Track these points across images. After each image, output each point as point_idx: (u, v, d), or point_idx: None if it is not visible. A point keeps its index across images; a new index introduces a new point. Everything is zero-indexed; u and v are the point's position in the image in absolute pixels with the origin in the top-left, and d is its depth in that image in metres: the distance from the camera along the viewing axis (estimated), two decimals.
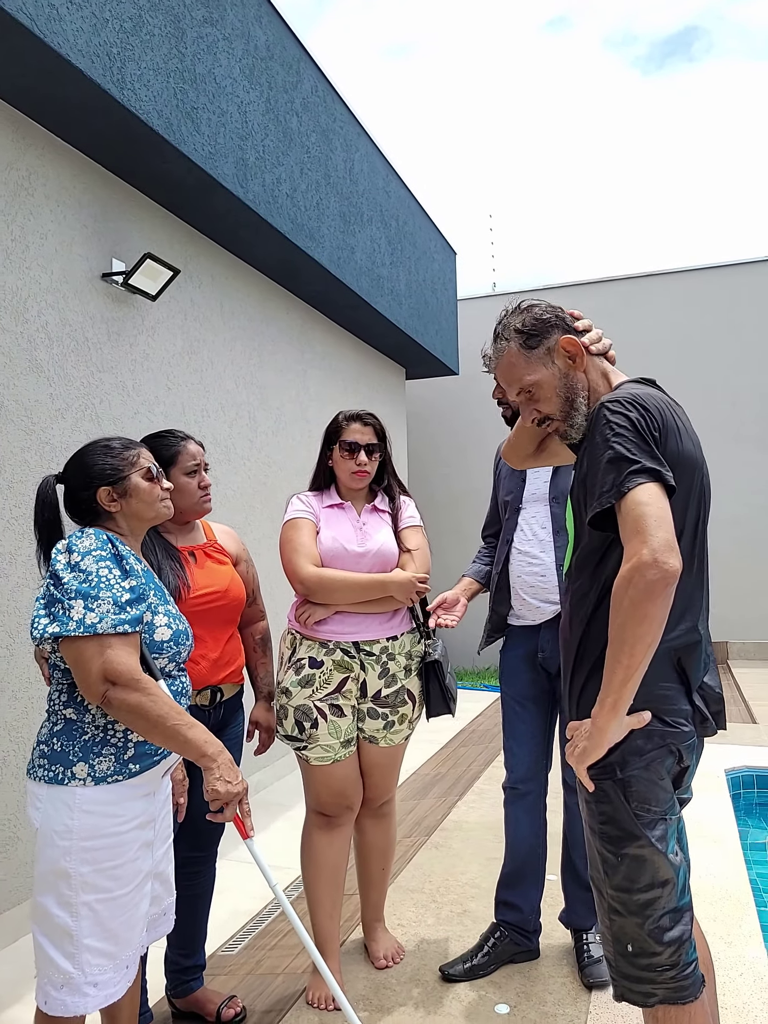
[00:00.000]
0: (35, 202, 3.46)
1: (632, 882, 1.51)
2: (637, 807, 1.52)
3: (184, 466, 2.30)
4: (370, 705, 2.44)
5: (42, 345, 3.47)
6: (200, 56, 3.95)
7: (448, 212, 29.52)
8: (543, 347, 1.70)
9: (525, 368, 1.71)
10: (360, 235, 5.99)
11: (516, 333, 1.71)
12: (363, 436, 2.50)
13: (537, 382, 1.70)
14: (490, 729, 6.05)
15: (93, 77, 3.19)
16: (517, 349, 1.71)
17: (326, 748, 2.38)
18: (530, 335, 1.70)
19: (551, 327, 1.70)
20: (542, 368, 1.70)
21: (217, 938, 2.97)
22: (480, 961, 2.50)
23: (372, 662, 2.42)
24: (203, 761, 1.67)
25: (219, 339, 4.82)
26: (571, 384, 1.68)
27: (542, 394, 1.70)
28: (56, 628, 1.62)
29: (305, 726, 2.38)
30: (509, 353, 1.72)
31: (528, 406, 1.73)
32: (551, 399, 1.70)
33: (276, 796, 4.80)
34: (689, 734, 1.55)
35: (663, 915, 1.51)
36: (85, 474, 1.81)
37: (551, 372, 1.69)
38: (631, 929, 1.52)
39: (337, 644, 2.41)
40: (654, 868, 1.50)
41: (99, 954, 1.67)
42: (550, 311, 1.73)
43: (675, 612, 1.51)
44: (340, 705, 2.39)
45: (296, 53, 4.98)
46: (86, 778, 1.67)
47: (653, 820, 1.52)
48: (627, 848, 1.52)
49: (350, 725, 2.42)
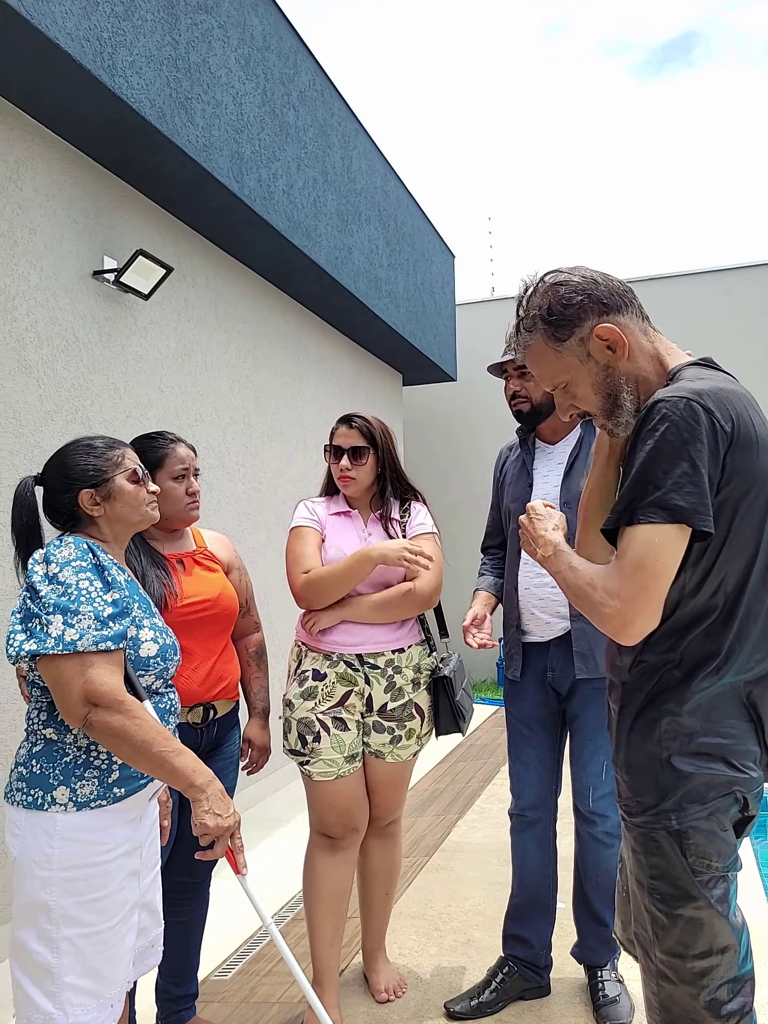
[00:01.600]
0: (24, 196, 3.32)
1: (686, 947, 1.32)
2: (695, 862, 1.32)
3: (171, 470, 2.17)
4: (376, 719, 2.33)
5: (31, 345, 3.33)
6: (194, 44, 3.82)
7: (447, 215, 29.54)
8: (575, 338, 1.41)
9: (556, 364, 1.44)
10: (358, 235, 5.87)
11: (543, 323, 1.43)
12: (347, 439, 2.38)
13: (571, 380, 1.44)
14: (488, 744, 5.91)
15: (83, 63, 3.06)
16: (544, 342, 1.44)
17: (329, 763, 2.26)
18: (558, 325, 1.41)
19: (582, 311, 1.40)
20: (575, 362, 1.42)
21: (210, 962, 2.83)
22: (488, 998, 2.36)
23: (377, 675, 2.31)
24: (191, 792, 1.54)
25: (213, 341, 4.69)
26: (612, 379, 1.41)
27: (578, 392, 1.45)
28: (33, 645, 1.49)
29: (308, 740, 2.27)
30: (536, 346, 1.45)
31: (564, 399, 1.49)
32: (589, 397, 1.44)
33: (271, 811, 4.65)
34: (758, 780, 1.37)
35: (721, 985, 1.31)
36: (66, 475, 1.68)
37: (587, 368, 1.42)
38: (683, 999, 1.32)
39: (341, 656, 2.30)
40: (712, 932, 1.31)
41: (82, 993, 1.54)
42: (581, 289, 1.41)
43: (748, 643, 1.34)
44: (344, 719, 2.28)
45: (293, 44, 4.86)
46: (67, 803, 1.54)
47: (713, 878, 1.32)
48: (682, 909, 1.32)
49: (355, 740, 2.31)
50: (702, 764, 1.33)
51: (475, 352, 9.55)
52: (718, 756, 1.34)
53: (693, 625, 1.34)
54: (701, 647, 1.34)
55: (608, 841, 2.32)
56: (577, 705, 2.34)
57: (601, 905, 2.35)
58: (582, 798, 2.33)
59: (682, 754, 1.34)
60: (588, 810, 2.32)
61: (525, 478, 2.46)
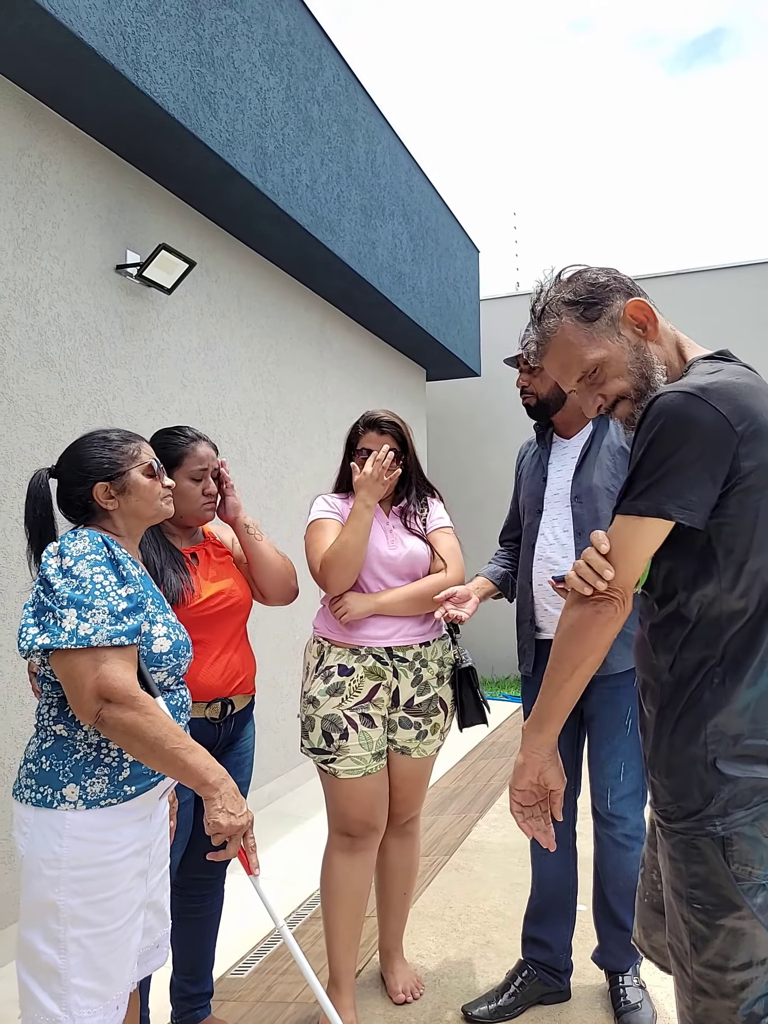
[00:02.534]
0: (47, 190, 3.33)
1: (727, 959, 1.27)
2: (739, 870, 1.27)
3: (189, 470, 2.15)
4: (402, 714, 2.31)
5: (53, 339, 3.34)
6: (218, 39, 3.81)
7: (471, 210, 29.31)
8: (605, 317, 1.39)
9: (587, 345, 1.40)
10: (381, 230, 5.83)
11: (569, 306, 1.41)
12: (378, 446, 2.36)
13: (603, 359, 1.40)
14: (510, 742, 5.86)
15: (107, 57, 3.06)
16: (574, 323, 1.41)
17: (357, 760, 2.24)
18: (588, 304, 1.40)
19: (611, 291, 1.40)
20: (607, 342, 1.39)
21: (225, 960, 2.82)
22: (507, 1002, 2.32)
23: (405, 669, 2.30)
24: (204, 790, 1.52)
25: (236, 336, 4.68)
26: (644, 357, 1.39)
27: (610, 372, 1.40)
28: (46, 639, 1.47)
29: (334, 737, 2.24)
30: (564, 331, 1.41)
31: (591, 393, 1.44)
32: (622, 376, 1.40)
33: (291, 807, 4.64)
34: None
35: (759, 999, 1.26)
36: (81, 468, 1.66)
37: (618, 346, 1.39)
38: (720, 1014, 1.28)
39: (369, 650, 2.28)
40: (753, 943, 1.26)
41: (88, 995, 1.52)
42: (605, 272, 1.42)
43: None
44: (371, 715, 2.27)
45: (318, 40, 4.83)
46: (77, 801, 1.52)
47: (755, 886, 1.26)
48: (723, 919, 1.27)
49: (381, 736, 2.29)
50: (747, 767, 1.29)
51: (499, 347, 9.46)
52: (763, 759, 1.29)
53: (733, 620, 1.30)
54: (742, 644, 1.30)
55: (628, 844, 2.28)
56: (594, 705, 2.29)
57: (622, 909, 2.30)
58: (600, 800, 2.29)
59: (728, 757, 1.29)
60: (607, 812, 2.28)
61: (540, 472, 2.44)
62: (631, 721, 2.26)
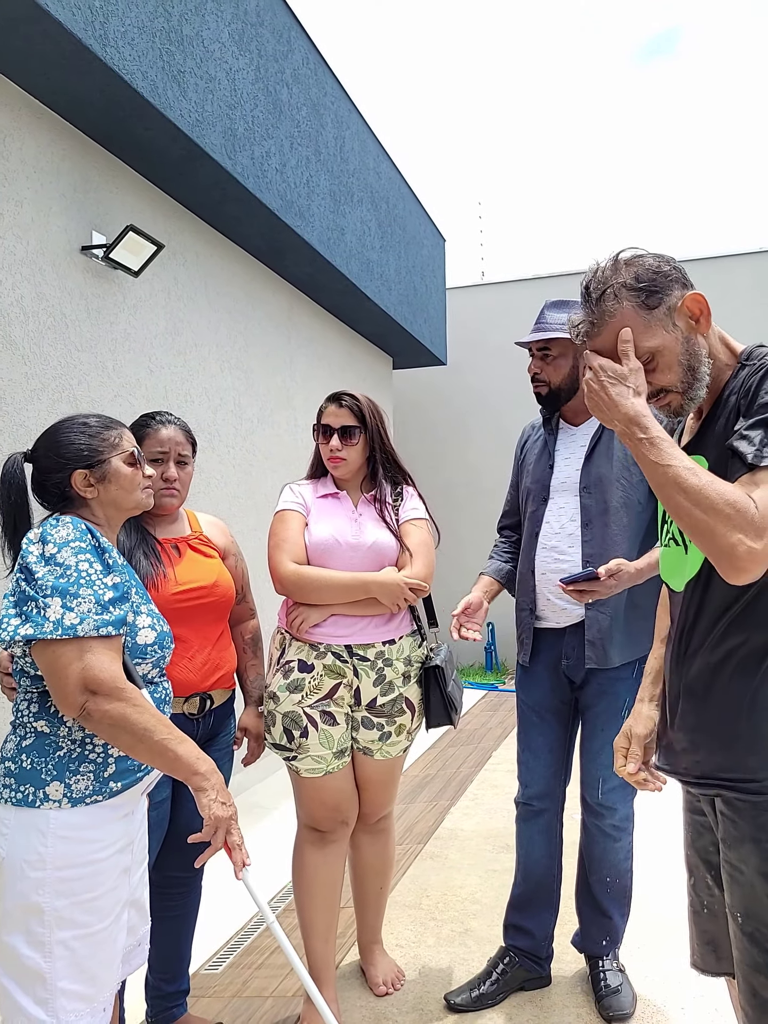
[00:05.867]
0: (9, 167, 3.21)
1: None
2: None
3: (148, 452, 2.08)
4: (364, 714, 2.24)
5: (16, 321, 3.24)
6: (187, 17, 3.71)
7: (437, 198, 29.20)
8: (664, 306, 1.39)
9: (644, 332, 1.38)
10: (350, 216, 5.78)
11: (629, 291, 1.39)
12: (337, 419, 2.28)
13: (658, 348, 1.39)
14: (478, 729, 5.89)
15: (73, 31, 2.96)
16: (634, 310, 1.39)
17: (317, 759, 2.19)
18: (650, 292, 1.38)
19: (672, 281, 1.40)
20: (662, 331, 1.39)
21: (200, 955, 2.78)
22: (488, 989, 2.32)
23: (366, 668, 2.21)
24: (195, 780, 1.48)
25: (203, 320, 4.60)
26: (694, 350, 1.40)
27: (663, 363, 1.39)
28: (29, 629, 1.42)
29: (295, 734, 2.18)
30: (623, 315, 1.39)
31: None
32: (672, 368, 1.39)
33: (259, 798, 4.60)
34: None
35: None
36: (59, 454, 1.60)
37: (673, 336, 1.39)
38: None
39: (328, 647, 2.20)
40: None
41: (75, 998, 1.47)
42: (665, 261, 1.42)
43: None
44: (332, 712, 2.19)
45: (287, 21, 4.75)
46: (61, 799, 1.47)
47: None
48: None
49: (344, 734, 2.22)
50: None
51: (465, 336, 9.49)
52: None
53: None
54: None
55: (615, 834, 2.28)
56: (590, 695, 2.29)
57: (605, 897, 2.32)
58: (591, 789, 2.29)
59: None
60: (596, 802, 2.28)
61: (547, 459, 2.39)
62: (626, 713, 2.25)
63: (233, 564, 2.29)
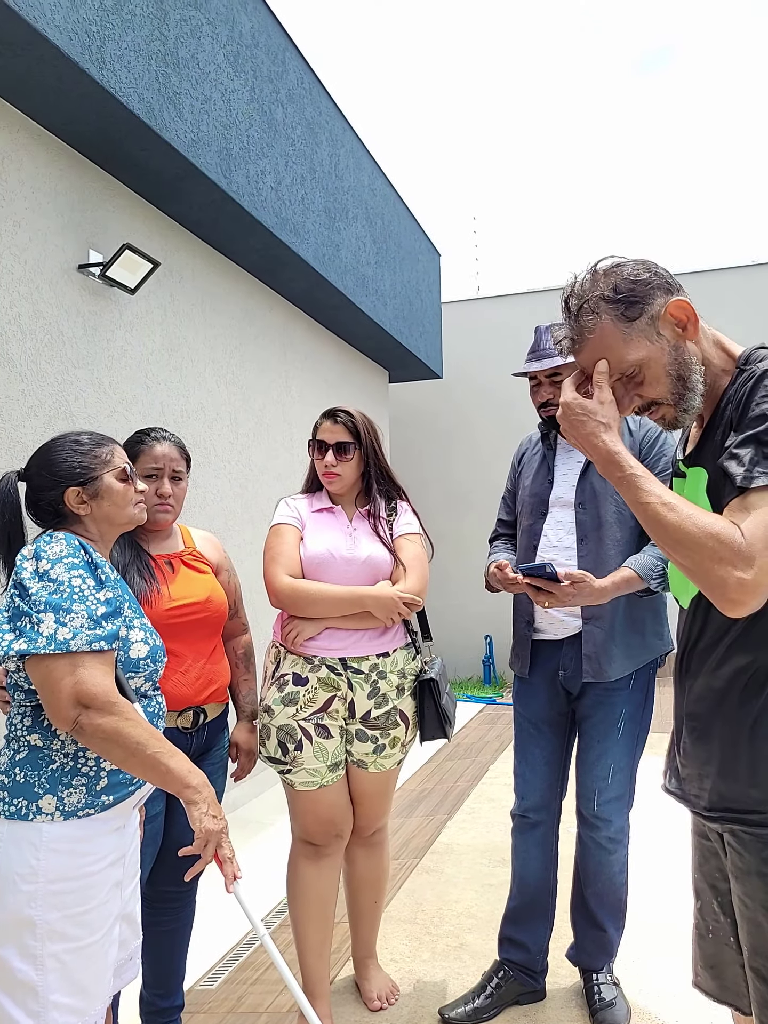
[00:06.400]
0: (8, 187, 3.26)
1: None
2: None
3: (142, 468, 2.12)
4: (359, 727, 2.25)
5: (14, 338, 3.27)
6: (183, 40, 3.77)
7: (432, 214, 29.43)
8: (645, 316, 1.32)
9: (625, 346, 1.32)
10: (345, 232, 5.83)
11: (608, 303, 1.32)
12: (331, 435, 2.31)
13: (643, 361, 1.32)
14: (475, 743, 5.89)
15: (71, 55, 3.01)
16: (612, 323, 1.32)
17: (312, 772, 2.20)
18: (629, 302, 1.31)
19: (652, 288, 1.32)
20: (646, 343, 1.32)
21: (195, 971, 2.78)
22: (483, 1003, 2.32)
23: (360, 680, 2.23)
24: (187, 794, 1.49)
25: (199, 336, 4.63)
26: (682, 358, 1.32)
27: (650, 375, 1.33)
28: (23, 644, 1.44)
29: (289, 748, 2.20)
30: (602, 330, 1.33)
31: (628, 392, 1.37)
32: (660, 380, 1.33)
33: (254, 814, 4.60)
34: None
35: None
36: (52, 472, 1.62)
37: (658, 347, 1.32)
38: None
39: (322, 660, 2.22)
40: None
41: (67, 1011, 1.48)
42: (645, 268, 1.34)
43: None
44: (327, 725, 2.21)
45: (281, 42, 4.82)
46: (54, 812, 1.49)
47: None
48: None
49: (338, 747, 2.23)
50: None
51: (460, 350, 9.55)
52: None
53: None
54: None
55: (610, 847, 2.29)
56: (587, 707, 2.30)
57: (600, 911, 2.32)
58: (586, 801, 2.29)
59: None
60: (592, 814, 2.29)
61: (545, 474, 2.41)
62: (623, 725, 2.27)
63: (226, 580, 2.31)
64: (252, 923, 1.60)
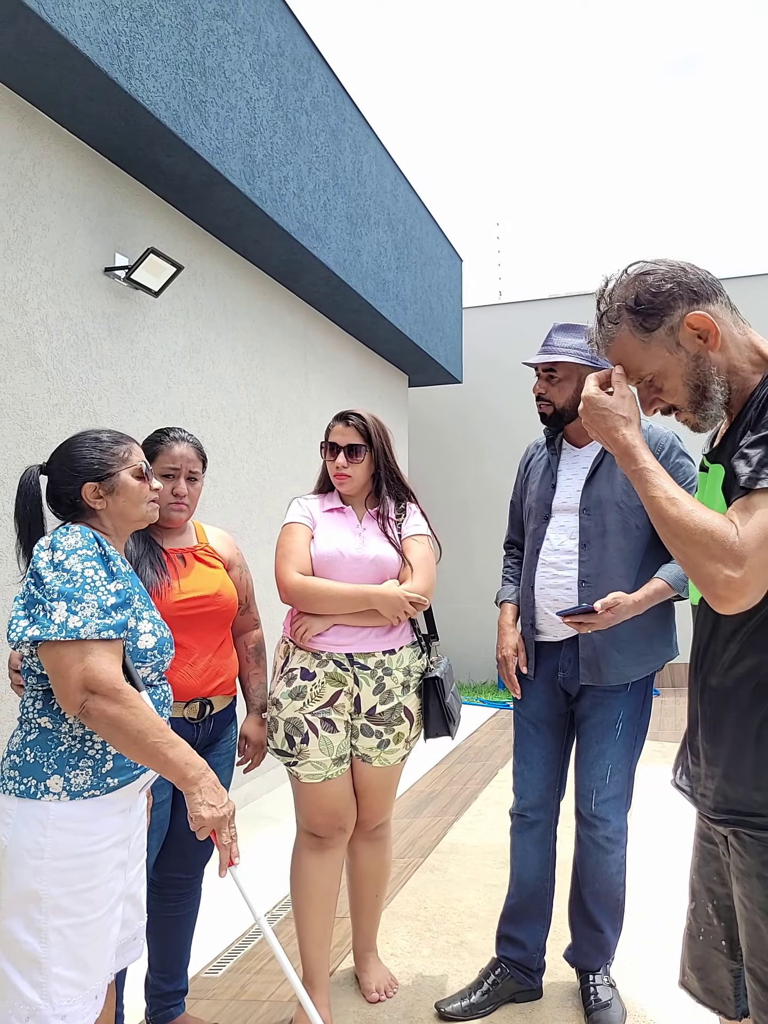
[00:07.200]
0: (39, 192, 3.36)
1: None
2: None
3: (160, 467, 2.19)
4: (364, 722, 2.30)
5: (41, 339, 3.37)
6: (210, 49, 3.86)
7: (454, 219, 29.49)
8: (664, 327, 1.32)
9: (643, 355, 1.35)
10: (367, 238, 5.90)
11: (629, 313, 1.34)
12: (343, 437, 2.37)
13: (660, 371, 1.35)
14: (487, 747, 5.92)
15: (101, 65, 3.10)
16: (631, 332, 1.34)
17: (317, 765, 2.26)
18: (646, 314, 1.32)
19: (673, 299, 1.32)
20: (664, 353, 1.33)
21: (200, 959, 2.84)
22: (479, 999, 2.36)
23: (366, 676, 2.28)
24: (183, 785, 1.56)
25: (221, 339, 4.72)
26: (702, 369, 1.32)
27: (667, 385, 1.35)
28: (36, 631, 1.51)
29: (295, 740, 2.25)
30: (621, 339, 1.35)
31: (649, 394, 1.39)
32: (677, 389, 1.35)
33: (266, 809, 4.66)
34: None
35: None
36: (71, 467, 1.70)
37: (676, 357, 1.33)
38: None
39: (330, 656, 2.28)
40: None
41: (68, 984, 1.55)
42: (670, 277, 1.33)
43: None
44: (332, 720, 2.26)
45: (307, 51, 4.90)
46: (61, 792, 1.55)
47: None
48: None
49: (343, 741, 2.29)
50: None
51: (481, 355, 9.58)
52: None
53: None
54: None
55: (608, 847, 2.31)
56: (586, 707, 2.33)
57: (597, 911, 2.34)
58: (584, 801, 2.32)
59: None
60: (590, 813, 2.31)
61: (549, 479, 2.44)
62: (622, 726, 2.29)
63: (237, 576, 2.38)
64: (248, 906, 1.66)
